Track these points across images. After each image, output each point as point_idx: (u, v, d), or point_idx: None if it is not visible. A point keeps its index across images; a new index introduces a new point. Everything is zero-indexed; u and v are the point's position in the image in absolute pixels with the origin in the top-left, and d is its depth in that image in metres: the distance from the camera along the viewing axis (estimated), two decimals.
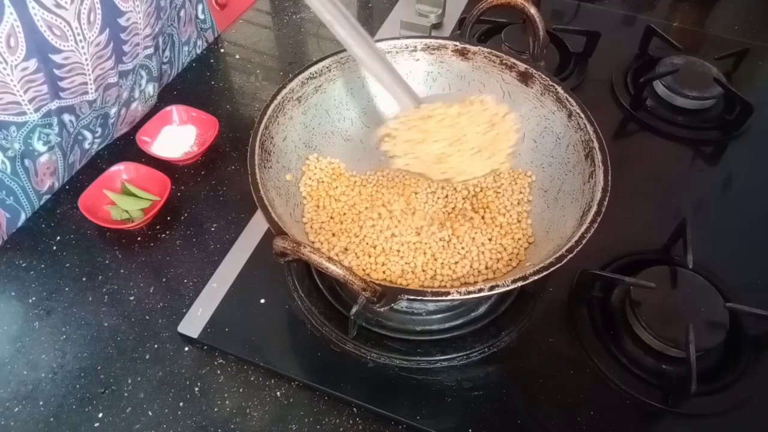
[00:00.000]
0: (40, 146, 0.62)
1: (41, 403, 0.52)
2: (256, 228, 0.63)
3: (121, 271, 0.61)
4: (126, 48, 0.65)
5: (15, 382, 0.53)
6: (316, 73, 0.58)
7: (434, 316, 0.55)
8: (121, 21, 0.62)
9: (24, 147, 0.61)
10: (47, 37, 0.55)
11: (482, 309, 0.56)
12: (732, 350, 0.54)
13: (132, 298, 0.58)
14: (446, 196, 0.60)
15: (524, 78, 0.58)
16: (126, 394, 0.52)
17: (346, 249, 0.55)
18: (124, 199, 0.64)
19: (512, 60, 0.58)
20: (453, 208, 0.59)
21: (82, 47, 0.59)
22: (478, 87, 0.61)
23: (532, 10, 0.58)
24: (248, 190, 0.48)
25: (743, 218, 0.66)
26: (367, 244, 0.55)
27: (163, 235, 0.64)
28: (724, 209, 0.68)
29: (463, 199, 0.59)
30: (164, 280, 0.60)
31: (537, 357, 0.54)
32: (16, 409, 0.51)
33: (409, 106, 0.53)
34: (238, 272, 0.59)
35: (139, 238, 0.63)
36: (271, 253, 0.43)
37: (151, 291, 0.59)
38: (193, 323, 0.55)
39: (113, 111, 0.70)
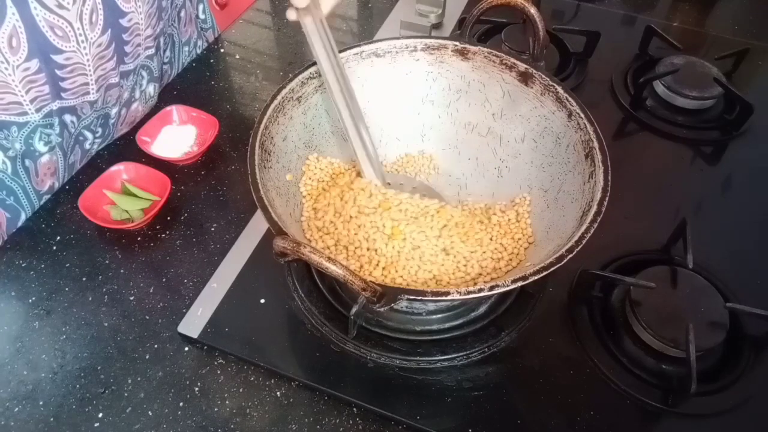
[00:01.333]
0: (41, 146, 0.62)
1: (41, 403, 0.52)
2: (256, 228, 0.63)
3: (121, 271, 0.61)
4: (127, 48, 0.65)
5: (15, 382, 0.53)
6: (316, 73, 0.58)
7: (434, 316, 0.55)
8: (123, 22, 0.62)
9: (25, 147, 0.61)
10: (49, 37, 0.55)
11: (482, 309, 0.56)
12: (732, 350, 0.54)
13: (132, 298, 0.58)
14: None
15: (524, 78, 0.58)
16: (126, 394, 0.52)
17: (345, 249, 0.55)
18: (124, 199, 0.64)
19: (512, 60, 0.58)
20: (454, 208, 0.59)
21: (84, 48, 0.59)
22: (478, 87, 0.61)
23: (532, 10, 0.58)
24: (248, 190, 0.48)
25: (743, 218, 0.66)
26: (367, 245, 0.55)
27: (163, 235, 0.64)
28: (724, 209, 0.68)
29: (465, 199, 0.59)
30: (164, 280, 0.60)
31: (537, 357, 0.54)
32: (16, 409, 0.51)
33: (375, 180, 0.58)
34: (238, 272, 0.59)
35: (139, 238, 0.63)
36: (271, 253, 0.43)
37: (151, 291, 0.59)
38: (193, 323, 0.55)
39: (114, 111, 0.70)
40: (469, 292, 0.42)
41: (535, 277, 0.43)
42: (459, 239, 0.56)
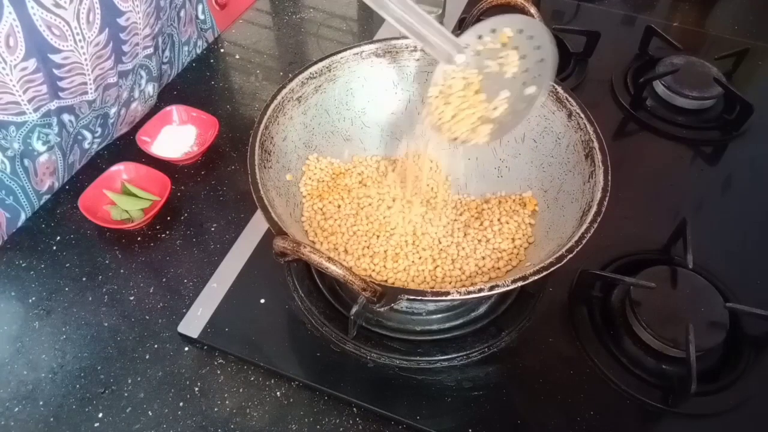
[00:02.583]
0: (39, 146, 0.62)
1: (41, 403, 0.52)
2: (256, 228, 0.63)
3: (121, 271, 0.61)
4: (125, 48, 0.65)
5: (15, 382, 0.53)
6: (316, 73, 0.58)
7: (434, 316, 0.55)
8: (121, 21, 0.62)
9: (23, 147, 0.61)
10: (46, 36, 0.55)
11: (482, 309, 0.56)
12: (732, 350, 0.54)
13: (132, 298, 0.58)
14: (446, 197, 0.60)
15: None
16: (126, 394, 0.52)
17: (346, 249, 0.55)
18: (124, 199, 0.64)
19: None
20: (454, 208, 0.59)
21: (82, 47, 0.58)
22: None
23: (532, 10, 0.57)
24: (248, 190, 0.48)
25: (743, 218, 0.66)
26: (367, 244, 0.55)
27: (163, 235, 0.64)
28: (724, 209, 0.68)
29: (465, 198, 0.59)
30: (164, 280, 0.60)
31: (537, 357, 0.54)
32: (16, 409, 0.51)
33: (451, 57, 0.51)
34: (238, 272, 0.59)
35: (139, 238, 0.63)
36: (271, 253, 0.43)
37: (151, 291, 0.59)
38: (193, 323, 0.55)
39: (113, 111, 0.70)
40: (469, 292, 0.42)
41: (535, 277, 0.43)
42: (460, 238, 0.56)
